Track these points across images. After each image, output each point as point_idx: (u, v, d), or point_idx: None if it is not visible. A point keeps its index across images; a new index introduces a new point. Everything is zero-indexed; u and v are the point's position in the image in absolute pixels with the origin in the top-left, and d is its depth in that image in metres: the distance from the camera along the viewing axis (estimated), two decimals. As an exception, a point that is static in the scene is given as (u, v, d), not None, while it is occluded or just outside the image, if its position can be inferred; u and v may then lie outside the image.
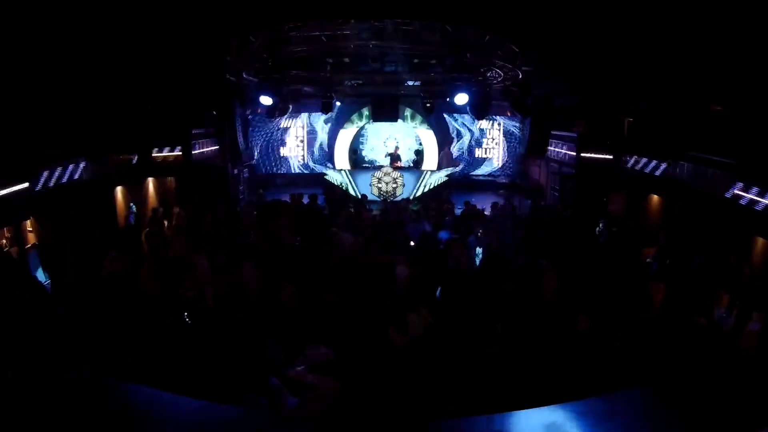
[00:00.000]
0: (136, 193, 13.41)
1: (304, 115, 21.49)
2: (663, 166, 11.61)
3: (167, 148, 13.70)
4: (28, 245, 9.92)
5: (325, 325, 7.08)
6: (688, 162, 10.55)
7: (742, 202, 8.86)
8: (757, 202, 8.50)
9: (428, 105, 18.73)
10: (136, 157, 12.53)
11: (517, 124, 20.55)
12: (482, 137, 21.88)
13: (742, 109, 9.08)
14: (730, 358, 7.12)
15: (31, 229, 10.17)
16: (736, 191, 9.10)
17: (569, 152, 16.10)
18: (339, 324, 7.24)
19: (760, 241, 8.74)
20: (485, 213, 13.80)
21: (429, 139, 21.35)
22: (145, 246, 11.11)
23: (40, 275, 9.71)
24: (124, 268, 8.41)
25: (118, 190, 12.64)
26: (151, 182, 14.27)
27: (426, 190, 19.06)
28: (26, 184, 9.02)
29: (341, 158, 21.35)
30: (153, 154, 13.24)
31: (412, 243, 10.65)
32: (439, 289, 8.18)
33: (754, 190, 8.67)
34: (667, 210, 12.22)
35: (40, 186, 9.46)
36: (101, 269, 8.44)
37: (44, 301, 7.77)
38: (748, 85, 8.67)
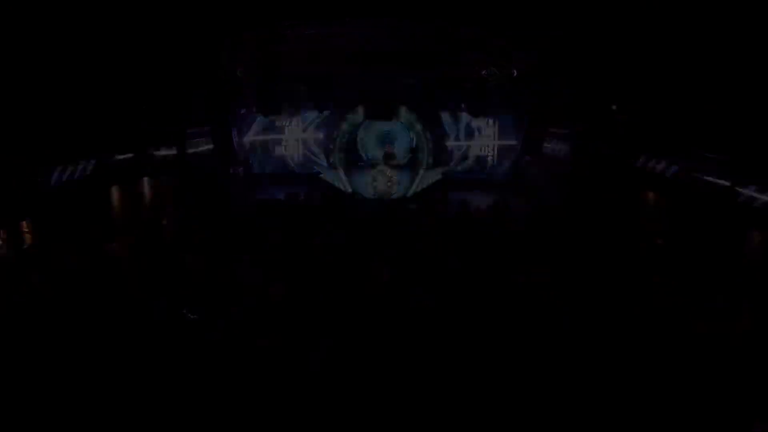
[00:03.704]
0: (131, 192, 13.31)
1: (299, 114, 21.41)
2: (660, 162, 11.67)
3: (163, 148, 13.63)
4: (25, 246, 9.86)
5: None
6: (684, 158, 10.61)
7: (740, 198, 8.91)
8: (755, 198, 8.56)
9: (424, 103, 18.70)
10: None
11: (513, 121, 20.56)
12: (478, 135, 21.87)
13: (739, 107, 9.12)
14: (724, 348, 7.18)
15: (27, 230, 10.09)
16: (732, 187, 9.17)
17: (565, 149, 16.15)
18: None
19: (756, 235, 8.79)
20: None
21: (424, 138, 21.24)
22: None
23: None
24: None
25: (114, 189, 12.55)
26: (146, 182, 14.16)
27: (421, 188, 19.04)
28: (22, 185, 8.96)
29: (336, 157, 21.23)
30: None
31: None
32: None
33: (751, 187, 8.73)
34: (665, 206, 12.27)
35: (36, 187, 9.36)
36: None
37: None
38: (744, 83, 8.73)
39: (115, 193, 12.58)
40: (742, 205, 8.91)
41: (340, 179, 19.17)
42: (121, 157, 12.17)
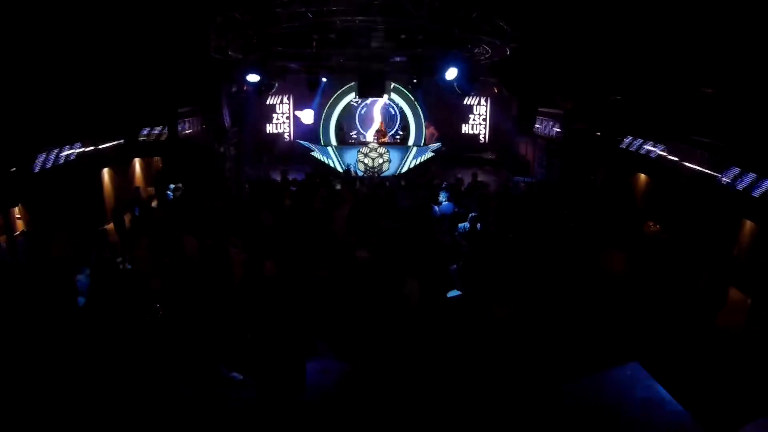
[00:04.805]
0: (123, 174, 13.25)
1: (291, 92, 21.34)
2: (651, 145, 11.75)
3: (155, 128, 13.52)
4: (17, 232, 9.84)
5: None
6: (676, 142, 10.68)
7: (729, 184, 9.01)
8: (744, 185, 8.66)
9: (415, 81, 18.56)
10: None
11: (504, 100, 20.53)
12: (469, 113, 21.94)
13: (733, 92, 9.16)
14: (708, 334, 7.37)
15: (19, 216, 10.05)
16: (722, 174, 9.27)
17: (556, 129, 16.18)
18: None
19: (748, 223, 8.92)
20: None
21: (416, 115, 21.21)
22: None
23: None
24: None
25: (105, 171, 12.48)
26: (137, 163, 14.09)
27: (412, 165, 19.09)
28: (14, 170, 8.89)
29: (328, 134, 21.20)
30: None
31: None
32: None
33: (738, 172, 8.84)
34: (655, 189, 12.41)
35: (27, 171, 9.28)
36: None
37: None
38: (739, 68, 8.76)
39: (105, 174, 12.52)
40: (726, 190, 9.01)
41: (331, 156, 19.17)
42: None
